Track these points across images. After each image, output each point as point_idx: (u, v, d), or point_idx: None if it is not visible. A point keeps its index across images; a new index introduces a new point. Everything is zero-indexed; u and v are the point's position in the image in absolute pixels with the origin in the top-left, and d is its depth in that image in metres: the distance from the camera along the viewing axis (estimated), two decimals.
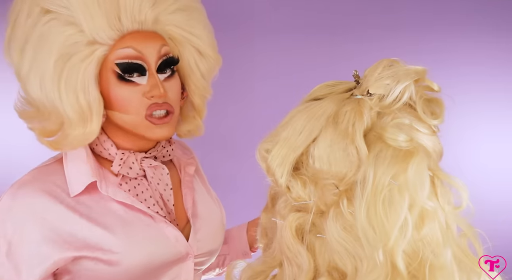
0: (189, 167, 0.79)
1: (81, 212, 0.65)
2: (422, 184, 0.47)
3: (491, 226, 0.51)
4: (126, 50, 0.63)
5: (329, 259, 0.50)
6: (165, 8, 0.66)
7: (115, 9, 0.63)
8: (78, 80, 0.62)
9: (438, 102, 0.53)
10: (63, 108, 0.63)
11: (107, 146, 0.69)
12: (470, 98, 1.65)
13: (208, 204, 0.80)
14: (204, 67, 0.72)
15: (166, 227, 0.70)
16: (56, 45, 0.61)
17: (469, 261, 0.49)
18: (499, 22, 1.67)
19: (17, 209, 0.63)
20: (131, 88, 0.64)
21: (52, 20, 0.62)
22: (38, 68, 0.63)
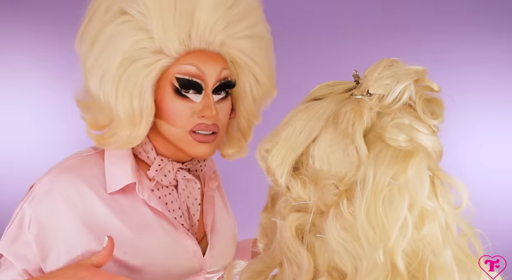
0: (212, 182, 0.80)
1: (114, 208, 0.66)
2: (422, 184, 0.47)
3: (491, 226, 0.51)
4: (189, 67, 0.64)
5: (329, 259, 0.50)
6: (235, 33, 0.67)
7: (188, 25, 0.64)
8: (136, 84, 0.64)
9: (438, 102, 0.52)
10: (116, 108, 0.64)
11: (147, 148, 0.70)
12: (470, 98, 1.65)
13: (224, 220, 0.81)
14: (258, 94, 0.73)
15: (186, 240, 0.71)
16: (124, 47, 0.63)
17: (469, 261, 0.49)
18: (498, 23, 1.67)
19: (55, 193, 0.64)
20: (184, 103, 0.65)
21: (126, 22, 0.63)
22: (103, 64, 0.64)
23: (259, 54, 0.71)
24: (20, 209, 0.66)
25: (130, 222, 0.66)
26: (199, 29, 0.63)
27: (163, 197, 0.70)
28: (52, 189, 0.64)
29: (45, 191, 0.64)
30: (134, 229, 0.66)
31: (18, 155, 1.79)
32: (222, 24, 0.65)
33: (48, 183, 0.64)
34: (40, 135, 1.76)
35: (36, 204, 0.64)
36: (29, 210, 0.64)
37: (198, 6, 0.63)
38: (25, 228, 0.64)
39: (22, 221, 0.65)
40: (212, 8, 0.63)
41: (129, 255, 0.65)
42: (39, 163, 0.75)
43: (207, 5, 0.63)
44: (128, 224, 0.66)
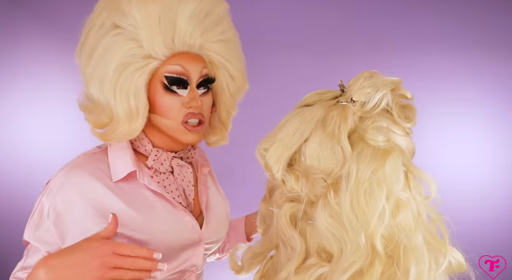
0: (204, 168, 0.82)
1: (119, 194, 0.68)
2: (398, 178, 0.48)
3: (455, 213, 0.51)
4: (176, 66, 0.67)
5: (318, 242, 0.51)
6: (211, 38, 0.71)
7: (171, 32, 0.67)
8: (131, 86, 0.66)
9: (411, 108, 0.53)
10: (115, 107, 0.66)
11: (144, 143, 0.72)
12: (438, 105, 1.66)
13: (217, 200, 0.82)
14: (233, 89, 0.76)
15: (185, 215, 0.73)
16: (118, 55, 0.65)
17: (437, 243, 0.50)
18: (461, 40, 1.69)
19: (68, 186, 0.65)
20: (173, 98, 0.68)
21: (118, 34, 0.66)
22: (101, 71, 0.66)
23: (232, 55, 0.74)
24: (40, 202, 0.67)
25: (135, 204, 0.68)
26: (180, 35, 0.67)
27: (161, 182, 0.72)
28: (65, 183, 0.66)
29: (60, 184, 0.66)
30: (138, 210, 0.68)
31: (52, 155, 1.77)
32: (199, 30, 0.68)
33: (62, 178, 0.66)
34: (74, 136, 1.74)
35: (53, 196, 0.65)
36: (47, 202, 0.66)
37: (179, 17, 0.66)
38: (45, 217, 0.66)
39: (41, 211, 0.66)
40: (190, 18, 0.67)
41: (136, 231, 0.67)
42: (58, 162, 0.75)
43: (186, 16, 0.66)
44: (133, 206, 0.68)
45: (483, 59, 1.69)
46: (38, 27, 1.69)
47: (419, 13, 1.68)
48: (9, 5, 1.66)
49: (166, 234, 0.69)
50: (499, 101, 1.71)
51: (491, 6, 1.68)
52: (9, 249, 1.74)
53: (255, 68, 1.69)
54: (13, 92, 1.75)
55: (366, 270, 0.46)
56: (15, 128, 1.76)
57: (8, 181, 1.72)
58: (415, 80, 1.62)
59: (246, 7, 1.64)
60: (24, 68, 1.73)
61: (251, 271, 0.60)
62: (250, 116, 1.65)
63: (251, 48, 1.73)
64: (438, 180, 0.50)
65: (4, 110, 1.76)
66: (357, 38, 1.67)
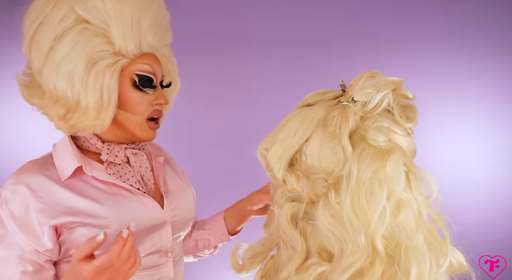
0: (159, 158, 0.86)
1: (72, 188, 0.70)
2: (399, 178, 0.48)
3: (456, 213, 0.51)
4: (146, 66, 0.72)
5: (319, 242, 0.51)
6: (163, 42, 0.78)
7: (139, 35, 0.72)
8: (104, 82, 0.68)
9: (412, 108, 0.53)
10: (86, 100, 0.68)
11: (93, 141, 0.75)
12: (439, 105, 1.66)
13: (178, 184, 0.86)
14: (174, 89, 0.84)
15: (144, 199, 0.75)
16: (86, 50, 0.67)
17: (438, 244, 0.50)
18: (462, 39, 1.69)
19: (19, 190, 0.67)
20: (141, 95, 0.72)
21: (85, 30, 0.67)
22: (68, 65, 0.67)
23: (172, 57, 0.82)
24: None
25: (92, 196, 0.70)
26: (146, 37, 0.72)
27: (116, 173, 0.74)
28: (15, 189, 0.67)
29: (11, 192, 0.67)
30: (96, 201, 0.70)
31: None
32: (158, 34, 0.75)
33: (11, 185, 0.68)
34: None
35: (7, 204, 0.67)
36: (3, 212, 0.67)
37: (145, 21, 0.72)
38: (7, 226, 0.67)
39: (2, 222, 0.67)
40: (153, 22, 0.73)
41: (95, 219, 0.69)
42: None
43: (150, 20, 0.72)
44: (90, 197, 0.70)
45: (484, 58, 1.69)
46: None
47: (419, 12, 1.68)
48: (9, 6, 1.66)
49: (127, 217, 0.71)
50: (500, 100, 1.71)
51: (492, 5, 1.67)
52: None
53: (255, 68, 1.70)
54: (13, 93, 1.75)
55: (367, 270, 0.47)
56: (15, 128, 1.76)
57: None
58: (416, 79, 1.62)
59: (246, 7, 1.64)
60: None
61: (252, 270, 0.60)
62: (250, 116, 1.66)
63: (251, 48, 1.74)
64: (438, 180, 0.50)
65: (4, 110, 1.76)
66: (358, 37, 1.67)
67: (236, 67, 1.81)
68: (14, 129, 1.75)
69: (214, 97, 1.63)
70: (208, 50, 1.70)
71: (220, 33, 1.68)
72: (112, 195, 0.72)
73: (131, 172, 0.75)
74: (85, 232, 0.68)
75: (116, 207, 0.71)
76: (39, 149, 1.93)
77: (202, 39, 0.79)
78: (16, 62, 1.75)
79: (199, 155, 1.66)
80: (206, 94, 1.72)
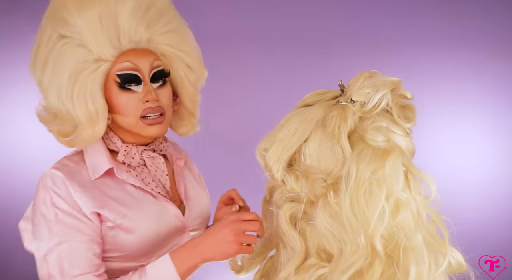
0: (180, 161, 0.85)
1: (102, 189, 0.71)
2: (397, 178, 0.48)
3: (455, 213, 0.51)
4: (125, 63, 0.69)
5: (318, 242, 0.51)
6: (156, 30, 0.72)
7: (116, 32, 0.69)
8: (87, 90, 0.68)
9: (411, 108, 0.53)
10: (75, 113, 0.69)
11: (114, 141, 0.74)
12: (438, 105, 1.67)
13: (196, 190, 0.85)
14: (192, 77, 0.78)
15: (167, 205, 0.75)
16: (70, 63, 0.68)
17: (437, 244, 0.50)
18: (460, 39, 1.70)
19: (58, 180, 0.68)
20: (129, 95, 0.70)
21: (66, 44, 0.69)
22: (56, 81, 0.69)
23: (183, 43, 0.75)
24: (39, 206, 0.69)
25: (119, 197, 0.71)
26: (125, 33, 0.69)
27: (139, 175, 0.75)
28: (55, 181, 0.68)
29: (51, 182, 0.68)
30: (122, 202, 0.71)
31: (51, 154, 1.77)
32: (142, 25, 0.70)
33: (52, 177, 0.69)
34: None
35: (50, 187, 0.68)
36: (48, 195, 0.68)
37: (119, 16, 0.68)
38: (50, 215, 0.67)
39: (46, 203, 0.68)
40: (131, 15, 0.69)
41: (124, 220, 0.70)
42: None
43: (126, 13, 0.69)
44: (117, 199, 0.71)
45: (484, 59, 1.69)
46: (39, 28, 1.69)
47: (419, 13, 1.68)
48: (10, 6, 1.66)
49: (152, 222, 0.71)
50: (499, 100, 1.72)
51: (492, 5, 1.68)
52: (8, 249, 1.74)
53: (255, 68, 1.70)
54: (12, 93, 1.75)
55: (366, 270, 0.47)
56: (14, 128, 1.76)
57: (7, 181, 1.72)
58: (415, 80, 1.63)
59: (246, 7, 1.64)
60: (25, 69, 1.73)
61: (251, 271, 0.60)
62: (250, 116, 1.66)
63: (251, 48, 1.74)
64: (437, 180, 0.51)
65: (3, 110, 1.76)
66: (357, 38, 1.67)
67: (236, 66, 1.81)
68: (13, 129, 1.76)
69: (214, 96, 1.63)
70: (209, 49, 1.70)
71: (221, 33, 1.68)
72: (138, 199, 0.72)
73: (150, 176, 0.75)
74: (113, 233, 0.69)
75: (142, 212, 0.71)
76: (38, 149, 1.93)
77: (203, 39, 0.79)
78: (16, 61, 1.76)
79: (199, 154, 1.65)
80: (206, 93, 1.72)
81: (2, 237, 1.72)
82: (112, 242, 0.70)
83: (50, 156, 0.76)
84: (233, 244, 0.59)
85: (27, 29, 1.72)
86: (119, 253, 0.70)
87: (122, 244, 0.70)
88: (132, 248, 0.70)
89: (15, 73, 1.73)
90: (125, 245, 0.70)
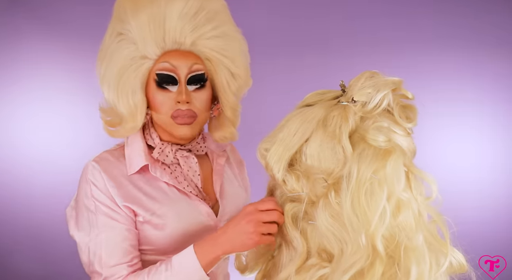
0: (221, 159, 0.84)
1: (137, 185, 0.74)
2: (399, 178, 0.48)
3: (455, 213, 0.51)
4: (164, 64, 0.72)
5: (319, 242, 0.51)
6: (202, 34, 0.74)
7: (161, 32, 0.72)
8: (130, 85, 0.73)
9: (412, 108, 0.53)
10: (119, 106, 0.73)
11: (153, 137, 0.77)
12: (439, 105, 1.67)
13: (234, 189, 0.84)
14: (234, 86, 0.78)
15: (199, 204, 0.76)
16: (121, 59, 0.73)
17: (438, 244, 0.50)
18: (461, 40, 1.70)
19: (96, 172, 0.73)
20: (165, 94, 0.73)
21: (122, 40, 0.73)
22: (108, 75, 0.73)
23: (230, 50, 0.76)
24: (82, 195, 0.73)
25: (151, 194, 0.73)
26: (170, 34, 0.72)
27: (173, 172, 0.76)
28: (93, 173, 0.72)
29: (91, 173, 0.72)
30: (156, 197, 0.73)
31: (55, 153, 1.76)
32: (189, 28, 0.72)
33: (91, 169, 0.73)
34: (75, 136, 1.73)
35: (90, 177, 0.72)
36: (88, 185, 0.72)
37: (167, 18, 0.71)
38: (91, 206, 0.71)
39: (88, 206, 0.72)
40: (179, 17, 0.72)
41: (154, 216, 0.72)
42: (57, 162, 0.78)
43: (175, 15, 0.71)
44: (150, 195, 0.73)
45: (484, 59, 1.70)
46: (39, 27, 1.69)
47: (419, 13, 1.68)
48: (9, 5, 1.66)
49: (182, 221, 0.73)
50: (499, 101, 1.72)
51: (492, 6, 1.68)
52: (8, 249, 1.74)
53: (255, 68, 1.70)
54: (12, 92, 1.75)
55: (367, 270, 0.47)
56: (14, 127, 1.76)
57: (7, 181, 1.72)
58: (416, 80, 1.63)
59: (246, 8, 1.64)
60: (24, 68, 1.73)
61: (255, 270, 0.60)
62: (250, 116, 1.66)
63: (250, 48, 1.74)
64: (438, 180, 0.51)
65: (3, 110, 1.76)
66: (358, 38, 1.67)
67: None
68: (13, 129, 1.75)
69: None
70: None
71: None
72: (171, 196, 0.74)
73: (183, 175, 0.77)
74: (144, 227, 0.71)
75: (174, 210, 0.73)
76: (38, 149, 1.92)
77: None
78: (16, 61, 1.76)
79: None
80: None
81: (2, 237, 1.72)
82: (142, 236, 0.72)
83: (50, 155, 0.76)
84: (252, 235, 0.58)
85: (26, 28, 1.73)
86: (149, 247, 0.73)
87: (151, 239, 0.72)
88: (161, 244, 0.72)
89: (15, 73, 1.73)
90: (154, 240, 0.72)
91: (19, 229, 1.72)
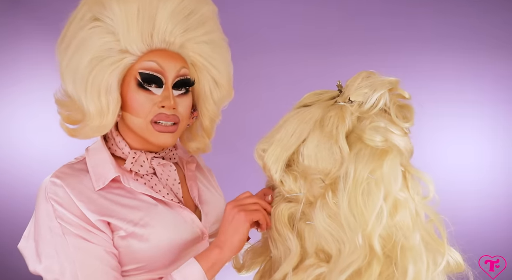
0: (191, 165, 0.78)
1: (109, 198, 0.65)
2: (396, 178, 0.48)
3: (455, 213, 0.51)
4: (151, 63, 0.64)
5: (317, 243, 0.51)
6: (193, 38, 0.68)
7: (150, 27, 0.64)
8: (103, 81, 0.64)
9: (409, 108, 0.53)
10: (86, 102, 0.64)
11: (121, 146, 0.69)
12: (437, 105, 1.67)
13: (211, 193, 0.79)
14: (217, 95, 0.72)
15: (182, 211, 0.70)
16: (94, 48, 0.63)
17: (435, 243, 0.50)
18: (460, 40, 1.70)
19: (60, 189, 0.63)
20: (146, 95, 0.65)
21: (96, 27, 0.64)
22: (74, 64, 0.64)
23: (217, 58, 0.70)
24: (39, 215, 0.64)
25: (129, 204, 0.66)
26: (160, 31, 0.64)
27: (147, 182, 0.69)
28: (55, 191, 0.63)
29: (52, 192, 0.63)
30: (134, 208, 0.66)
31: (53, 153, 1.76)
32: (181, 28, 0.66)
33: (51, 187, 0.64)
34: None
35: (50, 194, 0.63)
36: (48, 205, 0.63)
37: (159, 13, 0.64)
38: (56, 229, 0.62)
39: (49, 215, 0.63)
40: (172, 15, 0.65)
41: (137, 227, 0.65)
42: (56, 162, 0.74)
43: (167, 12, 0.64)
44: (128, 205, 0.66)
45: (484, 60, 1.69)
46: (39, 27, 1.69)
47: (418, 13, 1.68)
48: (9, 6, 1.67)
49: (168, 230, 0.66)
50: (499, 102, 1.71)
51: (492, 6, 1.68)
52: (8, 249, 1.74)
53: (253, 67, 1.70)
54: (12, 92, 1.75)
55: (364, 270, 0.47)
56: (15, 128, 1.76)
57: (7, 181, 1.72)
58: (415, 80, 1.63)
59: (244, 6, 1.64)
60: (24, 69, 1.74)
61: (252, 270, 0.60)
62: (248, 116, 1.66)
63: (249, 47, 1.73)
64: (437, 180, 0.51)
65: (3, 110, 1.76)
66: (356, 37, 1.67)
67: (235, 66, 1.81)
68: (13, 129, 1.76)
69: None
70: None
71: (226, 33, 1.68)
72: (151, 206, 0.66)
73: (160, 184, 0.69)
74: (125, 243, 0.63)
75: (156, 220, 0.65)
76: (38, 149, 1.92)
77: None
78: (16, 61, 1.76)
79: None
80: None
81: (2, 237, 1.73)
82: (127, 253, 0.64)
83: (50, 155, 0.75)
84: (246, 224, 0.57)
85: (27, 28, 1.73)
86: (136, 265, 0.65)
87: (137, 254, 0.64)
88: (149, 258, 0.65)
89: (15, 73, 1.73)
90: (141, 255, 0.65)
91: (19, 229, 1.72)
